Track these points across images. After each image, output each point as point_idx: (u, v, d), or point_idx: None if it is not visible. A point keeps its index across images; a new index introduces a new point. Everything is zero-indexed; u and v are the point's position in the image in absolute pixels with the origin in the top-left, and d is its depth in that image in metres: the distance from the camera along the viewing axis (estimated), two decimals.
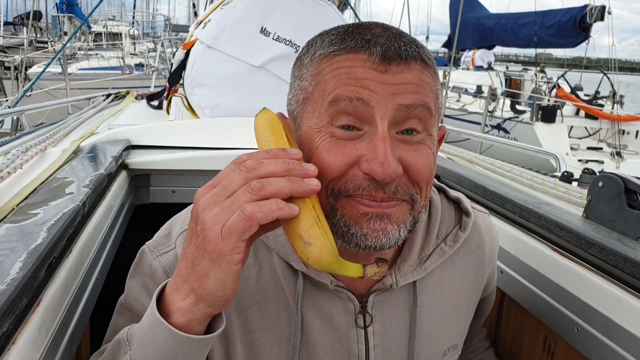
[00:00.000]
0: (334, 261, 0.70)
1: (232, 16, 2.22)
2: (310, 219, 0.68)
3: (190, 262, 0.68)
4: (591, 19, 12.97)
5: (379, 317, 0.92)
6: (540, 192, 1.61)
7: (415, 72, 0.76)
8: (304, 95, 0.80)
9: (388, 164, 0.72)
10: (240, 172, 0.67)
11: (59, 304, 0.93)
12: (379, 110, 0.73)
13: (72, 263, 1.03)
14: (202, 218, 0.66)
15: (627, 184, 1.18)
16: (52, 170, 1.44)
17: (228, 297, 0.69)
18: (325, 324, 0.90)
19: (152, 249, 0.90)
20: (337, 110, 0.75)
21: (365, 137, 0.75)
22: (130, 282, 0.91)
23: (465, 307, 1.03)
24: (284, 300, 0.89)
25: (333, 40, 0.79)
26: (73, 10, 16.47)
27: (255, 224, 0.64)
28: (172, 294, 0.71)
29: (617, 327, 1.01)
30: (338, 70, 0.76)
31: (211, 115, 2.24)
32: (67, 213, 1.05)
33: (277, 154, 0.69)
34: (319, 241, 0.68)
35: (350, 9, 6.41)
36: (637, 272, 0.98)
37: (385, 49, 0.74)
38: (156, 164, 1.82)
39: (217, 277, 0.66)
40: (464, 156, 2.07)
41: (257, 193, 0.65)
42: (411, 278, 0.93)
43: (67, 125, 2.34)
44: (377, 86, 0.74)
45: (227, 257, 0.65)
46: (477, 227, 1.04)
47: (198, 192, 0.69)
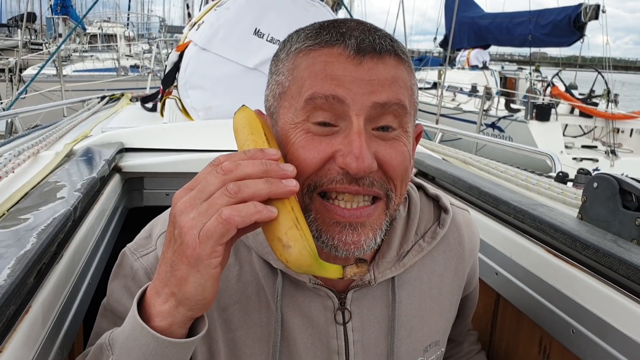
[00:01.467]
0: (313, 263, 0.70)
1: (225, 18, 2.22)
2: (288, 221, 0.68)
3: (169, 267, 0.68)
4: (585, 18, 12.99)
5: (358, 313, 0.93)
6: (535, 192, 1.61)
7: (389, 68, 0.76)
8: (280, 89, 0.80)
9: (363, 158, 0.72)
10: (217, 174, 0.66)
11: (49, 311, 0.92)
12: (354, 108, 0.74)
13: (63, 268, 1.02)
14: (179, 222, 0.65)
15: (622, 185, 1.17)
16: (44, 174, 1.43)
17: (208, 300, 0.69)
18: (305, 322, 0.91)
19: (133, 251, 0.90)
20: (314, 107, 0.75)
21: (340, 133, 0.75)
22: (112, 285, 0.91)
23: (447, 304, 1.04)
24: (265, 298, 0.90)
25: (309, 34, 0.79)
26: (68, 12, 16.38)
27: (233, 228, 0.64)
28: (153, 298, 0.70)
29: (612, 329, 1.00)
30: (314, 66, 0.76)
31: (205, 117, 2.24)
32: (57, 218, 1.04)
33: (255, 154, 0.69)
34: (298, 244, 0.68)
35: (344, 8, 6.40)
36: (631, 274, 0.97)
37: (360, 41, 0.75)
38: (149, 167, 1.81)
39: (196, 281, 0.66)
40: (459, 157, 2.07)
41: (234, 196, 0.64)
42: (389, 274, 0.94)
43: (61, 128, 2.32)
44: (353, 82, 0.74)
45: (205, 261, 0.65)
46: (456, 223, 1.05)
47: (175, 194, 0.68)
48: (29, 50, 16.09)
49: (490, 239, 1.42)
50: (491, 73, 14.00)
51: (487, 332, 1.48)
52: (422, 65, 18.74)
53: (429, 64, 19.00)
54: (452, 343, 1.25)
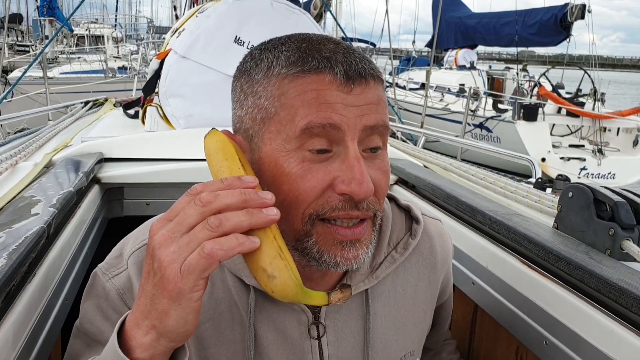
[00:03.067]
0: (298, 292, 0.70)
1: (205, 25, 2.21)
2: (272, 251, 0.68)
3: (149, 300, 0.67)
4: (572, 18, 13.09)
5: (332, 327, 0.93)
6: (513, 200, 1.62)
7: (373, 91, 0.79)
8: (264, 114, 0.79)
9: (367, 183, 0.74)
10: (196, 206, 0.65)
11: (18, 334, 0.91)
12: (348, 133, 0.75)
13: (35, 288, 1.01)
14: (159, 255, 0.65)
15: (596, 195, 1.18)
16: (20, 188, 1.42)
17: (189, 332, 0.68)
18: (279, 337, 0.91)
19: (105, 272, 0.89)
20: (309, 135, 0.75)
21: (335, 158, 0.76)
22: (85, 305, 0.90)
23: (422, 313, 1.05)
24: (238, 315, 0.90)
25: (290, 58, 0.78)
26: (54, 13, 16.26)
27: (216, 262, 0.63)
28: (133, 330, 0.70)
29: (583, 342, 1.01)
30: (306, 95, 0.75)
31: (186, 125, 2.23)
32: (29, 237, 1.03)
33: (232, 183, 0.68)
34: (283, 274, 0.68)
35: (330, 14, 6.40)
36: (602, 288, 0.98)
37: (347, 67, 0.76)
38: (129, 177, 1.80)
39: (178, 314, 0.65)
40: (440, 163, 2.07)
41: (216, 230, 0.64)
42: (363, 287, 0.94)
43: (41, 137, 2.30)
44: (345, 109, 0.75)
45: (187, 295, 0.64)
46: (428, 233, 1.06)
47: (152, 226, 0.68)
48: (15, 52, 15.96)
49: (467, 248, 1.43)
50: (479, 73, 14.07)
51: (466, 341, 1.49)
52: (410, 66, 18.79)
53: (416, 65, 19.04)
54: (430, 352, 1.26)
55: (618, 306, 0.96)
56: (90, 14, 24.60)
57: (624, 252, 1.10)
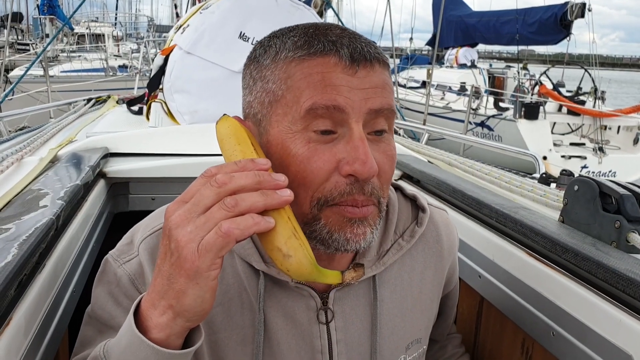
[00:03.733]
0: (313, 271, 0.71)
1: (210, 21, 2.21)
2: (287, 231, 0.69)
3: (166, 280, 0.68)
4: (572, 16, 13.07)
5: (340, 313, 0.94)
6: (518, 195, 1.62)
7: (379, 74, 0.80)
8: (271, 97, 0.81)
9: (371, 162, 0.75)
10: (212, 187, 0.66)
11: (31, 321, 0.92)
12: (353, 115, 0.77)
13: (45, 278, 1.02)
14: (176, 236, 0.66)
15: (602, 188, 1.19)
16: (27, 182, 1.43)
17: (206, 311, 0.70)
18: (288, 322, 0.92)
19: (116, 258, 0.90)
20: (314, 116, 0.77)
21: (340, 139, 0.78)
22: (96, 291, 0.91)
23: (428, 301, 1.06)
24: (247, 300, 0.91)
25: (297, 43, 0.80)
26: (54, 11, 16.25)
27: (232, 241, 0.65)
28: (149, 310, 0.71)
29: (591, 332, 1.02)
30: (311, 77, 0.77)
31: (191, 121, 2.23)
32: (39, 228, 1.04)
33: (246, 165, 0.69)
34: (298, 252, 0.69)
35: (332, 10, 6.40)
36: (609, 278, 0.99)
37: (352, 50, 0.78)
38: (135, 172, 1.80)
39: (195, 293, 0.67)
40: (444, 159, 2.08)
41: (232, 210, 0.65)
42: (370, 272, 0.95)
43: (46, 132, 2.31)
44: (350, 92, 0.77)
45: (204, 274, 0.65)
46: (434, 222, 1.07)
47: (168, 208, 0.69)
48: (15, 50, 15.95)
49: (473, 241, 1.43)
50: (479, 72, 14.05)
51: (472, 334, 1.50)
52: (410, 64, 18.77)
53: (417, 63, 19.02)
54: (436, 345, 1.27)
55: (626, 296, 0.97)
56: (91, 13, 24.58)
57: (630, 245, 1.10)
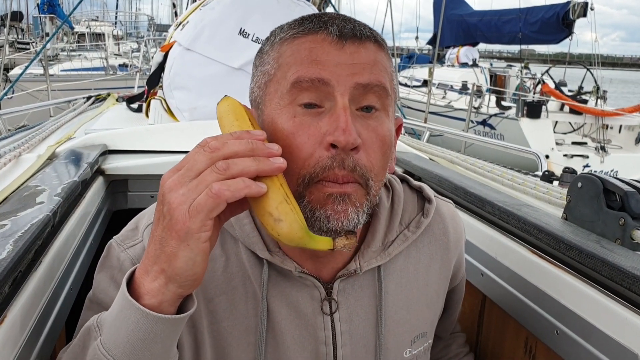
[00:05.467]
0: (304, 235, 0.71)
1: (210, 18, 2.20)
2: (279, 196, 0.70)
3: (158, 244, 0.68)
4: (574, 16, 13.04)
5: (345, 304, 0.93)
6: (520, 192, 1.61)
7: (370, 52, 0.81)
8: (266, 78, 0.84)
9: (349, 130, 0.74)
10: (205, 152, 0.67)
11: (26, 320, 0.90)
12: (338, 88, 0.77)
13: (42, 275, 1.00)
14: (169, 199, 0.66)
15: (606, 185, 1.17)
16: (24, 178, 1.41)
17: (198, 276, 0.69)
18: (292, 312, 0.91)
19: (120, 243, 0.90)
20: (299, 89, 0.78)
21: (326, 113, 0.78)
22: (99, 276, 0.91)
23: (434, 295, 1.04)
24: (251, 289, 0.90)
25: (292, 25, 0.83)
26: (55, 10, 16.24)
27: (223, 202, 0.65)
28: (142, 277, 0.71)
29: (595, 330, 1.00)
30: (299, 52, 0.79)
31: (190, 118, 2.22)
32: (35, 224, 1.02)
33: (241, 135, 0.70)
34: (289, 217, 0.70)
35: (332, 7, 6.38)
36: (614, 276, 0.97)
37: (341, 27, 0.79)
38: (133, 169, 1.79)
39: (186, 255, 0.66)
40: (446, 156, 2.06)
41: (224, 173, 0.66)
42: (375, 263, 0.94)
43: (44, 129, 2.29)
44: (336, 66, 0.78)
45: (195, 235, 0.65)
46: (441, 214, 1.06)
47: (164, 175, 0.69)
48: (15, 49, 15.95)
49: (476, 239, 1.41)
50: (481, 70, 14.02)
51: (474, 333, 1.48)
52: (411, 63, 18.75)
53: (418, 62, 19.00)
54: (440, 343, 1.25)
55: (631, 294, 0.95)
56: (91, 12, 24.61)
57: (634, 242, 1.09)
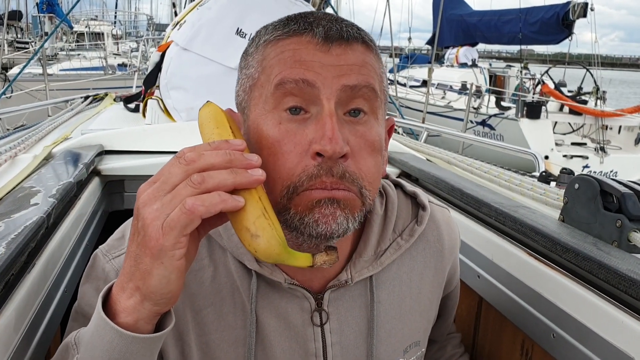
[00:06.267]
0: (282, 252, 0.69)
1: (207, 17, 2.19)
2: (256, 211, 0.67)
3: (133, 260, 0.66)
4: (574, 16, 13.04)
5: (336, 314, 0.91)
6: (517, 193, 1.60)
7: (357, 54, 0.77)
8: (251, 82, 0.81)
9: (336, 139, 0.71)
10: (180, 165, 0.65)
11: (19, 321, 0.90)
12: (324, 91, 0.74)
13: (35, 278, 1.00)
14: (143, 214, 0.64)
15: (603, 186, 1.17)
16: (19, 179, 1.41)
17: (173, 294, 0.67)
18: (281, 323, 0.89)
19: (105, 253, 0.88)
20: (284, 92, 0.75)
21: (312, 119, 0.75)
22: (84, 288, 0.89)
23: (428, 303, 1.03)
24: (240, 300, 0.88)
25: (276, 26, 0.80)
26: (54, 10, 16.26)
27: (197, 218, 0.63)
28: (118, 294, 0.69)
29: (592, 334, 0.99)
30: (283, 54, 0.76)
31: (187, 118, 2.21)
32: (29, 226, 1.02)
33: (219, 145, 0.68)
34: (266, 232, 0.67)
35: (331, 7, 6.38)
36: (611, 278, 0.97)
37: (327, 29, 0.76)
38: (130, 169, 1.78)
39: (160, 273, 0.64)
40: (443, 157, 2.06)
41: (198, 187, 0.63)
42: (367, 273, 0.92)
43: (41, 130, 2.29)
44: (322, 67, 0.75)
45: (168, 252, 0.63)
46: (435, 220, 1.03)
47: (140, 187, 0.67)
48: (15, 49, 15.94)
49: (472, 241, 1.41)
50: (480, 71, 14.02)
51: (470, 335, 1.47)
52: (410, 63, 18.74)
53: (417, 62, 18.99)
54: (435, 345, 1.24)
55: (628, 297, 0.94)
56: (90, 11, 24.60)
57: (631, 244, 1.08)
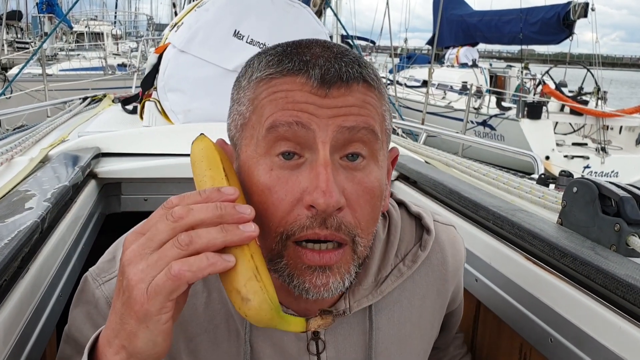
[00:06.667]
0: (274, 317, 0.66)
1: (204, 19, 2.18)
2: (248, 272, 0.63)
3: (119, 318, 0.64)
4: (575, 16, 13.05)
5: (333, 343, 0.88)
6: (516, 196, 1.59)
7: (357, 95, 0.71)
8: (242, 120, 0.76)
9: (330, 192, 0.66)
10: (167, 221, 0.61)
11: (12, 326, 0.89)
12: (320, 134, 0.69)
13: (29, 283, 0.99)
14: (127, 274, 0.61)
15: (601, 190, 1.16)
16: (15, 183, 1.40)
17: (160, 353, 0.65)
18: (277, 352, 0.87)
19: (95, 277, 0.85)
20: (276, 137, 0.70)
21: (306, 165, 0.70)
22: (74, 312, 0.86)
23: (429, 326, 1.00)
24: (234, 328, 0.86)
25: (270, 61, 0.73)
26: (53, 10, 16.29)
27: (184, 284, 0.60)
28: (104, 347, 0.66)
29: (590, 339, 0.99)
30: (275, 95, 0.71)
31: (184, 120, 2.21)
32: (22, 231, 1.01)
33: (210, 196, 0.64)
34: (258, 296, 0.64)
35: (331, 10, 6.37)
36: (608, 284, 0.96)
37: (325, 71, 0.70)
38: (127, 172, 1.78)
39: (146, 337, 0.62)
40: (441, 159, 2.05)
41: (186, 248, 0.60)
42: (366, 302, 0.88)
43: (38, 132, 2.28)
44: (317, 110, 0.69)
45: (154, 317, 0.61)
46: (440, 242, 0.98)
47: (127, 238, 0.64)
48: (15, 49, 15.95)
49: (470, 245, 1.40)
50: (481, 71, 14.03)
51: (468, 339, 1.47)
52: (411, 63, 18.74)
53: (417, 62, 18.99)
54: (437, 349, 1.23)
55: (626, 302, 0.94)
56: (90, 11, 24.61)
57: (629, 248, 1.07)
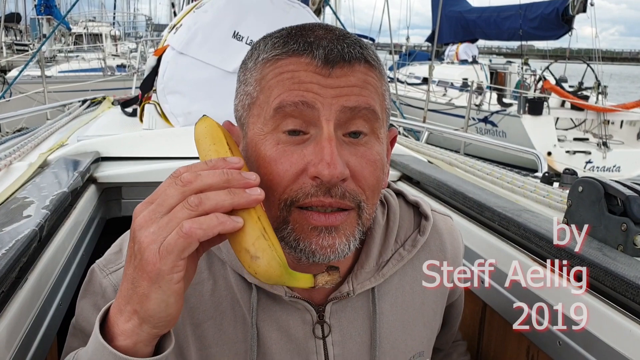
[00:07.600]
0: (283, 274, 0.68)
1: (203, 21, 2.16)
2: (255, 231, 0.66)
3: (130, 283, 0.65)
4: (573, 11, 13.02)
5: (338, 326, 0.90)
6: (520, 195, 1.58)
7: (359, 75, 0.76)
8: (249, 100, 0.80)
9: (335, 164, 0.71)
10: (177, 186, 0.64)
11: (12, 336, 0.88)
12: (324, 112, 0.73)
13: (27, 293, 0.98)
14: (139, 237, 0.63)
15: (607, 189, 1.14)
16: (13, 189, 1.38)
17: (172, 317, 0.66)
18: (283, 336, 0.88)
19: (102, 268, 0.87)
20: (283, 115, 0.74)
21: (311, 141, 0.74)
22: (81, 303, 0.88)
23: (431, 313, 1.01)
24: (240, 313, 0.87)
25: (275, 43, 0.78)
26: (52, 12, 16.26)
27: (195, 242, 0.62)
28: (116, 316, 0.68)
29: (599, 342, 0.97)
30: (282, 75, 0.75)
31: (185, 123, 2.19)
32: (20, 240, 0.99)
33: (216, 164, 0.67)
34: (266, 254, 0.66)
35: (330, 8, 6.35)
36: (617, 286, 0.94)
37: (328, 51, 0.74)
38: (127, 176, 1.76)
39: (159, 297, 0.64)
40: (445, 158, 2.03)
41: (196, 209, 0.62)
42: (369, 285, 0.91)
43: (37, 136, 2.27)
44: (321, 89, 0.74)
45: (166, 276, 0.62)
46: (438, 230, 1.02)
47: (136, 208, 0.66)
48: (14, 51, 15.94)
49: (475, 246, 1.38)
50: (481, 67, 14.00)
51: (475, 341, 1.45)
52: (410, 60, 18.71)
53: (417, 59, 18.96)
54: (441, 353, 1.23)
55: (635, 305, 0.92)
56: (88, 12, 24.59)
57: (637, 248, 1.06)
